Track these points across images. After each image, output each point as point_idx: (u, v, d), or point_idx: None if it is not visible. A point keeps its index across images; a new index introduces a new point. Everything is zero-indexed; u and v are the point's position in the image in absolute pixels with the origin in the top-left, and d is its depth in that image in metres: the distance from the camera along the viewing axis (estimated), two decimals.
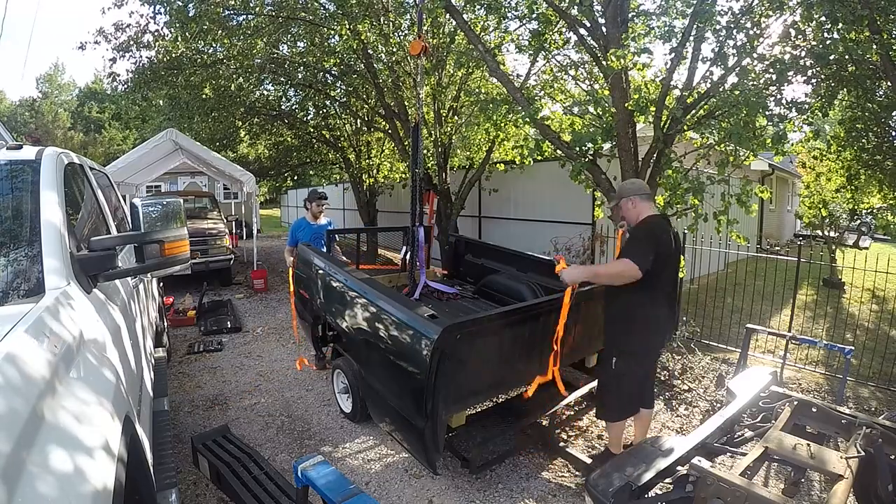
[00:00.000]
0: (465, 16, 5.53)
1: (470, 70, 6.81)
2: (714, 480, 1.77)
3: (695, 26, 3.87)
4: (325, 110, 10.00)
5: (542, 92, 6.13)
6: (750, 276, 7.26)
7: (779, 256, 7.03)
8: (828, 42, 3.71)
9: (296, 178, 13.72)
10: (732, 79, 3.90)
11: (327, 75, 8.46)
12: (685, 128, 4.19)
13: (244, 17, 7.16)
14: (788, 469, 2.32)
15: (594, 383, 3.41)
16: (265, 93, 9.78)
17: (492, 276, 4.64)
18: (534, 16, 4.90)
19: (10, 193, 1.68)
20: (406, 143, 7.37)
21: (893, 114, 6.10)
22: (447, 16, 5.72)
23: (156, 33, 7.34)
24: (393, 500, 2.74)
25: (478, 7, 5.63)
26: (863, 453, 2.01)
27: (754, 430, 2.42)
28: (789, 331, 4.65)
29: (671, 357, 4.54)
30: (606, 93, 4.43)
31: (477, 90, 7.32)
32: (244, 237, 12.80)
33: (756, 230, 11.97)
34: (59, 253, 1.50)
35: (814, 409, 2.41)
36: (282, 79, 8.49)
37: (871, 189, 8.58)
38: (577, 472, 2.97)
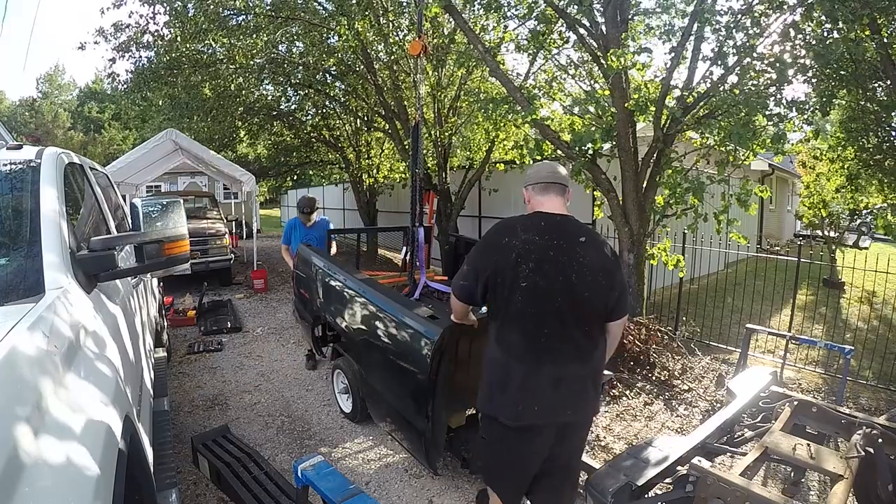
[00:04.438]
0: (464, 15, 5.53)
1: (470, 70, 6.81)
2: (714, 480, 1.77)
3: (695, 25, 3.87)
4: (324, 110, 10.00)
5: (542, 92, 6.13)
6: (750, 276, 7.26)
7: (779, 256, 7.04)
8: (828, 42, 3.71)
9: (296, 178, 13.73)
10: (732, 78, 3.90)
11: (327, 75, 8.46)
12: (685, 128, 4.19)
13: (243, 16, 7.16)
14: (788, 469, 2.33)
15: None
16: (264, 93, 9.78)
17: None
18: (533, 15, 4.90)
19: (11, 193, 1.68)
20: (406, 143, 7.36)
21: (893, 113, 6.10)
22: (447, 16, 5.72)
23: (155, 33, 7.34)
24: (393, 500, 2.74)
25: (477, 6, 5.63)
26: (863, 453, 2.01)
27: (754, 430, 2.42)
28: (789, 331, 4.65)
29: (671, 357, 4.54)
30: (606, 93, 4.44)
31: (477, 90, 7.32)
32: (244, 237, 12.80)
33: (756, 230, 11.97)
34: (59, 252, 1.49)
35: (814, 409, 2.40)
36: (281, 79, 8.49)
37: (871, 189, 8.58)
38: None
